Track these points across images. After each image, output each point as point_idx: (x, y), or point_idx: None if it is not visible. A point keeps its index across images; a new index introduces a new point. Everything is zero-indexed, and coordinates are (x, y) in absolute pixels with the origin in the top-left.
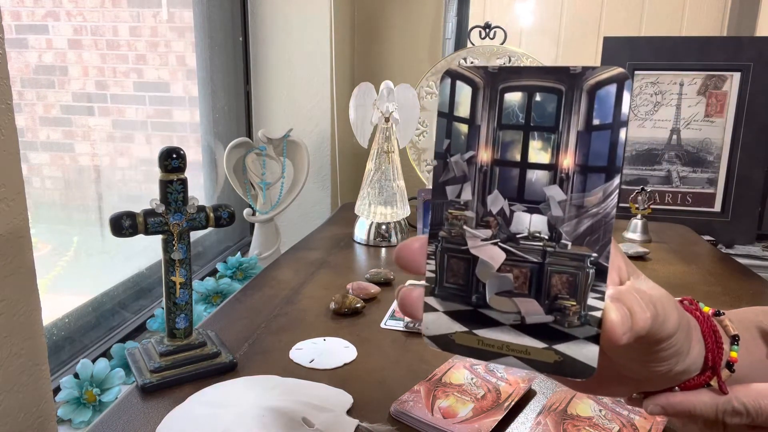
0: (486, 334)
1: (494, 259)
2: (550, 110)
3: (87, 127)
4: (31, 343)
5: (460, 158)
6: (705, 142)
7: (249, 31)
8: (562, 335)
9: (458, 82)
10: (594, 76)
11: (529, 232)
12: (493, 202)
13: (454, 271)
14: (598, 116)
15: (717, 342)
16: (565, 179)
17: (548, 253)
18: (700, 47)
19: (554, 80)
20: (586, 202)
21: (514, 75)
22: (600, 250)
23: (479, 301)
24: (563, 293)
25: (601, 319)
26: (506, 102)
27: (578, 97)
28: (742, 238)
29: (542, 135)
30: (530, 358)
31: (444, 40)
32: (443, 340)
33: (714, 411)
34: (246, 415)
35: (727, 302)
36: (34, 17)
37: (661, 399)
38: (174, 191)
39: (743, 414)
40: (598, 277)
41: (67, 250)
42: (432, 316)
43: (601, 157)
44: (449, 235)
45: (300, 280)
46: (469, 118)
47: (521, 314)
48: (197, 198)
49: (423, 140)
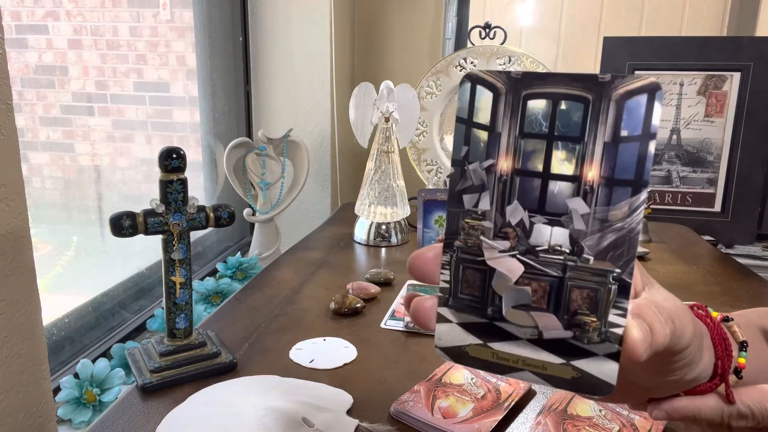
0: (501, 347)
1: (512, 272)
2: (576, 119)
3: (87, 127)
4: (31, 343)
5: (479, 166)
6: (705, 142)
7: (249, 31)
8: (580, 351)
9: (479, 86)
10: (623, 85)
11: (550, 245)
12: (513, 213)
13: (470, 282)
14: (626, 127)
15: (726, 349)
16: (589, 192)
17: (569, 267)
18: (700, 47)
19: (581, 88)
20: (611, 216)
21: (538, 81)
22: (623, 266)
23: (495, 314)
24: (583, 309)
25: (622, 336)
26: (529, 109)
27: (606, 106)
28: (742, 238)
29: (567, 145)
30: (547, 373)
31: (444, 40)
32: (456, 352)
33: (720, 415)
34: (246, 415)
35: (727, 302)
36: (34, 17)
37: (666, 404)
38: (174, 191)
39: (749, 417)
40: (620, 293)
41: (67, 249)
42: (445, 327)
43: (628, 170)
44: (465, 245)
45: (300, 280)
46: (490, 125)
47: (539, 329)
48: (197, 198)
49: (423, 140)
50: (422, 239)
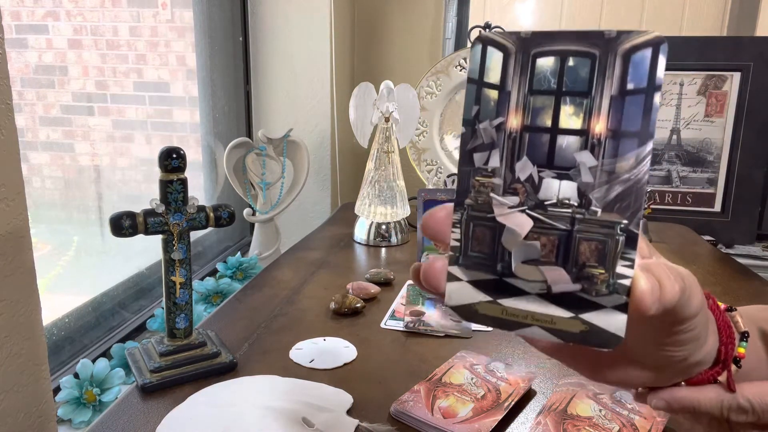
0: (511, 303)
1: (521, 227)
2: (583, 75)
3: (87, 127)
4: (31, 343)
5: (489, 125)
6: (705, 142)
7: (249, 31)
8: (589, 304)
9: (489, 47)
10: (629, 40)
11: (558, 198)
12: (522, 169)
13: (480, 239)
14: (632, 81)
15: (730, 336)
16: (596, 145)
17: (577, 220)
18: (700, 47)
19: (588, 45)
20: (618, 168)
21: (547, 40)
22: (631, 217)
23: (504, 270)
24: (591, 261)
25: (630, 288)
26: (538, 67)
27: (612, 61)
28: (742, 238)
29: (574, 100)
30: (556, 327)
31: (444, 40)
32: (466, 309)
33: (719, 407)
34: (246, 415)
35: (727, 302)
36: (34, 17)
37: (665, 393)
38: (174, 191)
39: (749, 411)
40: (628, 244)
41: (67, 249)
42: (455, 286)
43: (634, 121)
44: (475, 203)
45: (300, 280)
46: (500, 84)
47: (548, 283)
48: (197, 198)
49: (423, 140)
50: (422, 239)
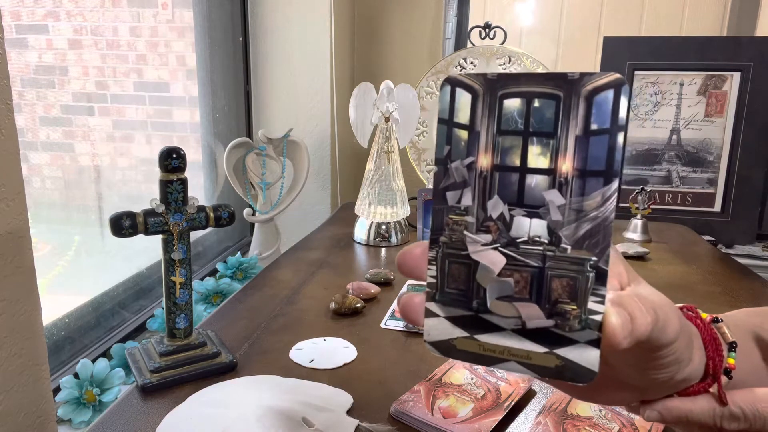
0: (487, 339)
1: (495, 264)
2: (549, 116)
3: (87, 127)
4: (31, 343)
5: (461, 164)
6: (705, 142)
7: (249, 31)
8: (563, 339)
9: (458, 89)
10: (591, 81)
11: (529, 236)
12: (494, 207)
13: (455, 276)
14: (595, 121)
15: (717, 350)
16: (564, 183)
17: (548, 257)
18: (700, 47)
19: (552, 86)
20: (585, 206)
21: (512, 81)
22: (599, 254)
23: (480, 306)
24: (564, 297)
25: (601, 323)
26: (505, 108)
27: (576, 102)
28: (742, 238)
29: (541, 140)
30: (531, 362)
31: (444, 40)
32: (444, 345)
33: (711, 416)
34: (246, 415)
35: (727, 302)
36: (34, 17)
37: (658, 405)
38: (174, 191)
39: (741, 419)
40: (598, 280)
41: (67, 249)
42: (433, 322)
43: (599, 161)
44: (450, 240)
45: (300, 280)
46: (469, 125)
47: (522, 319)
48: (197, 198)
49: (423, 140)
50: (422, 239)
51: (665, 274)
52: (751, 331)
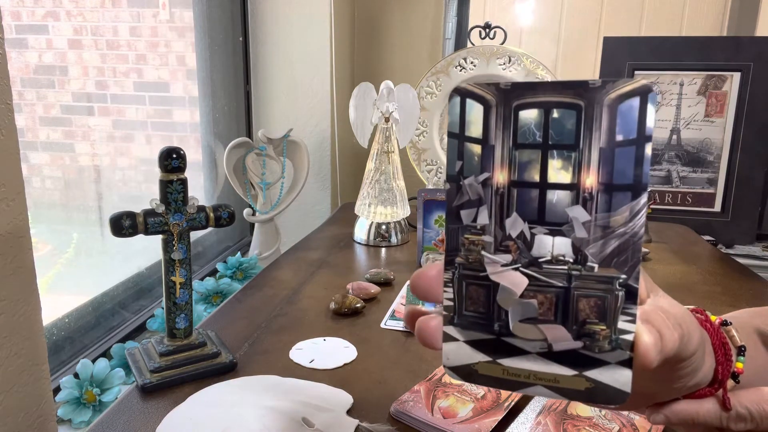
0: (511, 363)
1: (516, 285)
2: (570, 127)
3: (87, 127)
4: (31, 343)
5: (474, 180)
6: (705, 142)
7: (249, 31)
8: (592, 361)
9: (468, 100)
10: (615, 89)
11: (553, 255)
12: (512, 226)
13: (474, 298)
14: (621, 132)
15: (726, 355)
16: (588, 199)
17: (574, 276)
18: (700, 47)
19: (572, 95)
20: (612, 222)
21: (528, 91)
22: (629, 272)
23: (502, 330)
24: (592, 318)
25: (633, 343)
26: (521, 120)
27: (599, 112)
28: (742, 238)
29: (562, 153)
30: (559, 386)
31: (444, 40)
32: (465, 370)
33: (718, 418)
34: (246, 415)
35: (727, 302)
36: (34, 17)
37: (665, 409)
38: (174, 191)
39: (747, 419)
40: (627, 299)
41: (66, 247)
42: (452, 346)
43: (626, 174)
44: (467, 261)
45: (300, 280)
46: (482, 138)
47: (548, 341)
48: (197, 198)
49: (423, 140)
50: (422, 239)
51: (665, 274)
52: (756, 331)
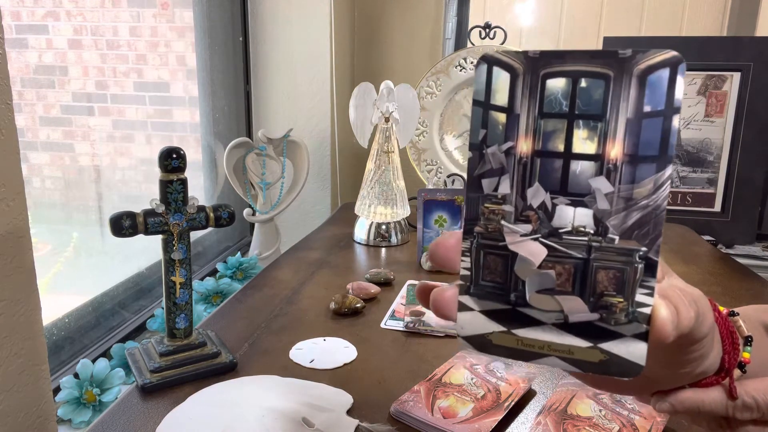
0: (526, 333)
1: (535, 256)
2: (597, 97)
3: (87, 127)
4: (31, 343)
5: (498, 149)
6: (705, 142)
7: (249, 31)
8: (607, 333)
9: (495, 68)
10: (645, 59)
11: (573, 226)
12: (534, 196)
13: (491, 268)
14: (649, 102)
15: (734, 344)
16: (612, 170)
17: (594, 248)
18: (700, 47)
19: (601, 65)
20: (636, 193)
21: (557, 60)
22: (650, 244)
23: (518, 300)
24: (610, 290)
25: (650, 316)
26: (548, 89)
27: (627, 82)
28: (742, 238)
29: (588, 123)
30: (574, 357)
31: (444, 40)
32: (480, 340)
33: (723, 407)
34: (246, 415)
35: (727, 302)
36: (34, 17)
37: (670, 397)
38: (174, 191)
39: (754, 408)
40: (647, 271)
41: (66, 247)
42: (467, 316)
43: (652, 146)
44: (486, 230)
45: (300, 280)
46: (508, 107)
47: (564, 313)
48: (197, 198)
49: (423, 140)
50: (422, 239)
51: None
52: (762, 325)
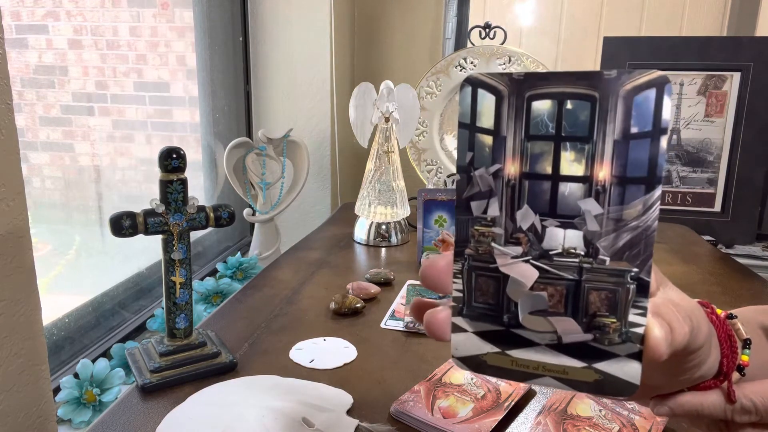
0: (520, 354)
1: (526, 278)
2: (583, 118)
3: (87, 127)
4: (31, 343)
5: (485, 172)
6: (705, 142)
7: (249, 31)
8: (601, 353)
9: (480, 90)
10: (630, 80)
11: (564, 248)
12: (524, 218)
13: (483, 290)
14: (636, 124)
15: (732, 347)
16: (601, 192)
17: (585, 269)
18: (700, 47)
19: (587, 86)
20: (625, 215)
21: (541, 81)
22: (641, 265)
23: (511, 321)
24: (602, 310)
25: (643, 336)
26: (534, 111)
27: (614, 103)
28: (742, 238)
29: (575, 145)
30: (568, 378)
31: (444, 40)
32: (474, 361)
33: (722, 410)
34: (246, 415)
35: (727, 302)
36: (34, 17)
37: (669, 401)
38: (174, 191)
39: (752, 411)
40: (639, 292)
41: (67, 249)
42: (461, 337)
43: (640, 167)
44: (476, 252)
45: (300, 280)
46: (494, 129)
47: (557, 333)
48: (197, 198)
49: (423, 140)
50: (422, 239)
51: (665, 274)
52: (761, 327)
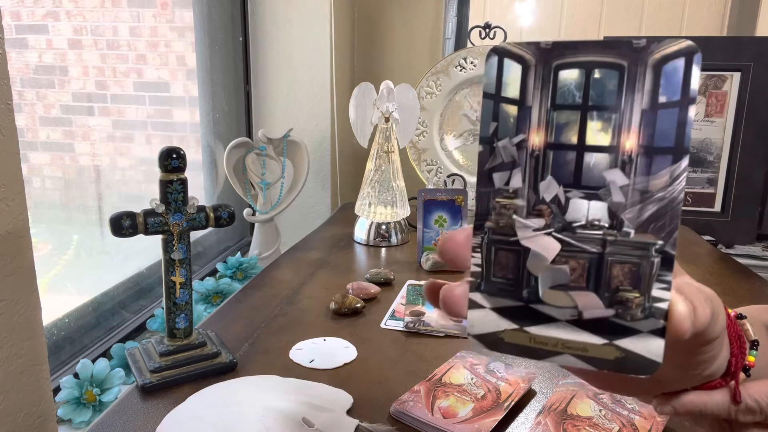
0: (539, 331)
1: (548, 251)
2: (611, 88)
3: (87, 127)
4: (31, 343)
5: (509, 142)
6: (705, 142)
7: (249, 31)
8: (623, 330)
9: (506, 59)
10: (660, 49)
11: (587, 220)
12: (547, 189)
13: (503, 264)
14: (664, 93)
15: (741, 347)
16: (627, 162)
17: (608, 242)
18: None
19: (615, 55)
20: (651, 186)
21: (569, 51)
22: (666, 237)
23: (531, 296)
24: (625, 285)
25: (667, 311)
26: (561, 80)
27: (642, 72)
28: (742, 238)
29: (602, 115)
30: (588, 355)
31: (444, 40)
32: (491, 338)
33: (726, 410)
34: (246, 415)
35: (727, 302)
36: (34, 17)
37: (673, 400)
38: (174, 191)
39: (756, 411)
40: (664, 265)
41: (67, 249)
42: (478, 314)
43: (667, 137)
44: (497, 225)
45: (300, 280)
46: (519, 99)
47: (578, 309)
48: (197, 198)
49: (423, 140)
50: (422, 239)
51: None
52: (765, 326)
